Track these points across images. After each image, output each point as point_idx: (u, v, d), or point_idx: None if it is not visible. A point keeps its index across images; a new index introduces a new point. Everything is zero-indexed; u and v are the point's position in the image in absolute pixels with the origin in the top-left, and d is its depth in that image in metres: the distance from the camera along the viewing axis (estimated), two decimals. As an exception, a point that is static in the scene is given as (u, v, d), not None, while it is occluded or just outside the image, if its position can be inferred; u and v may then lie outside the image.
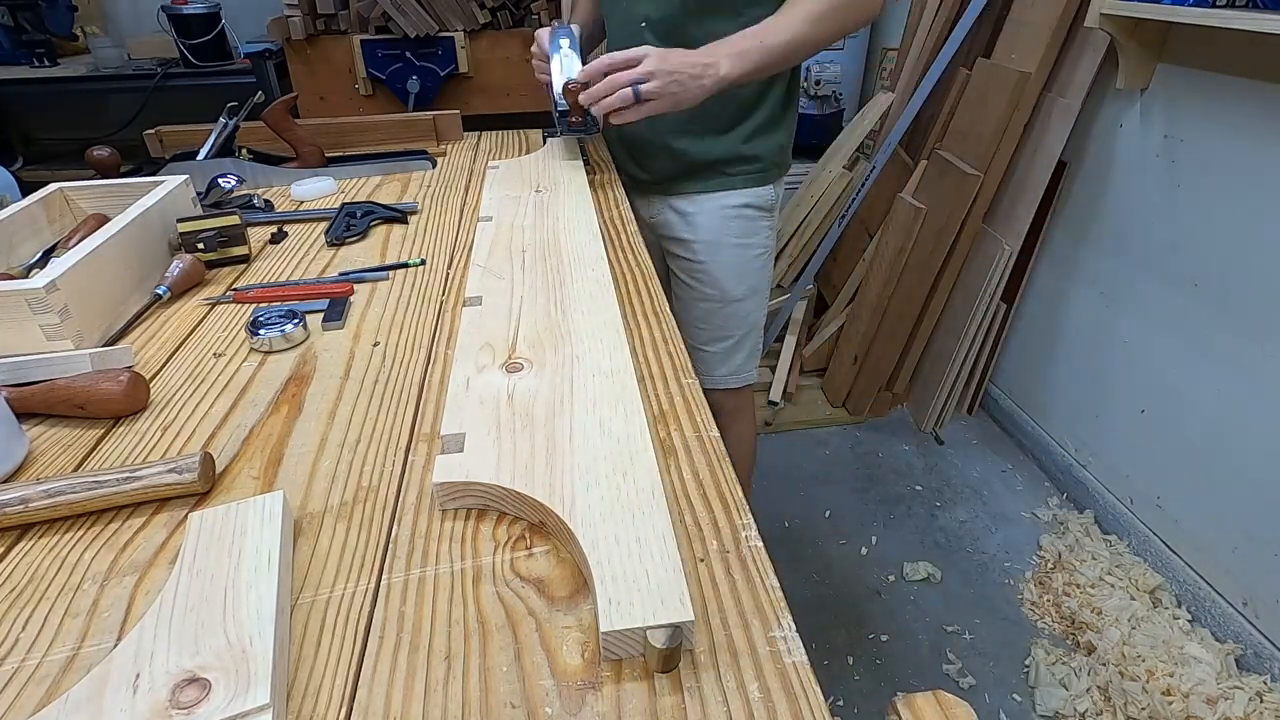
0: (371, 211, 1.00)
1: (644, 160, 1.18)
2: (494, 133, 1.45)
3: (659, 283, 0.81)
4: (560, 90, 1.01)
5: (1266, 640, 1.38)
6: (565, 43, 1.09)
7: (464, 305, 0.72)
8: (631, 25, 1.09)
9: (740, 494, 0.50)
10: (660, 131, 1.12)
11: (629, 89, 0.90)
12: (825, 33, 0.96)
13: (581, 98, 0.93)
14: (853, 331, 2.14)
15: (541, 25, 2.13)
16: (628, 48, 0.99)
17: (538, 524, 0.48)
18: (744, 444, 1.41)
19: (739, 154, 1.13)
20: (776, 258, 2.35)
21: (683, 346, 0.68)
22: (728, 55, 0.92)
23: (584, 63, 1.03)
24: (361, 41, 2.10)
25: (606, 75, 0.91)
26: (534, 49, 1.13)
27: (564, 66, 1.07)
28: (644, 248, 0.91)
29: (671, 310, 1.21)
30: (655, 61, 0.90)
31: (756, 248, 1.19)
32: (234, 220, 0.87)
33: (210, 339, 0.72)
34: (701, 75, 0.91)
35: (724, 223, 1.16)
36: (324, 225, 1.00)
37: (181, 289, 0.81)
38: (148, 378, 0.64)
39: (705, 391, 0.63)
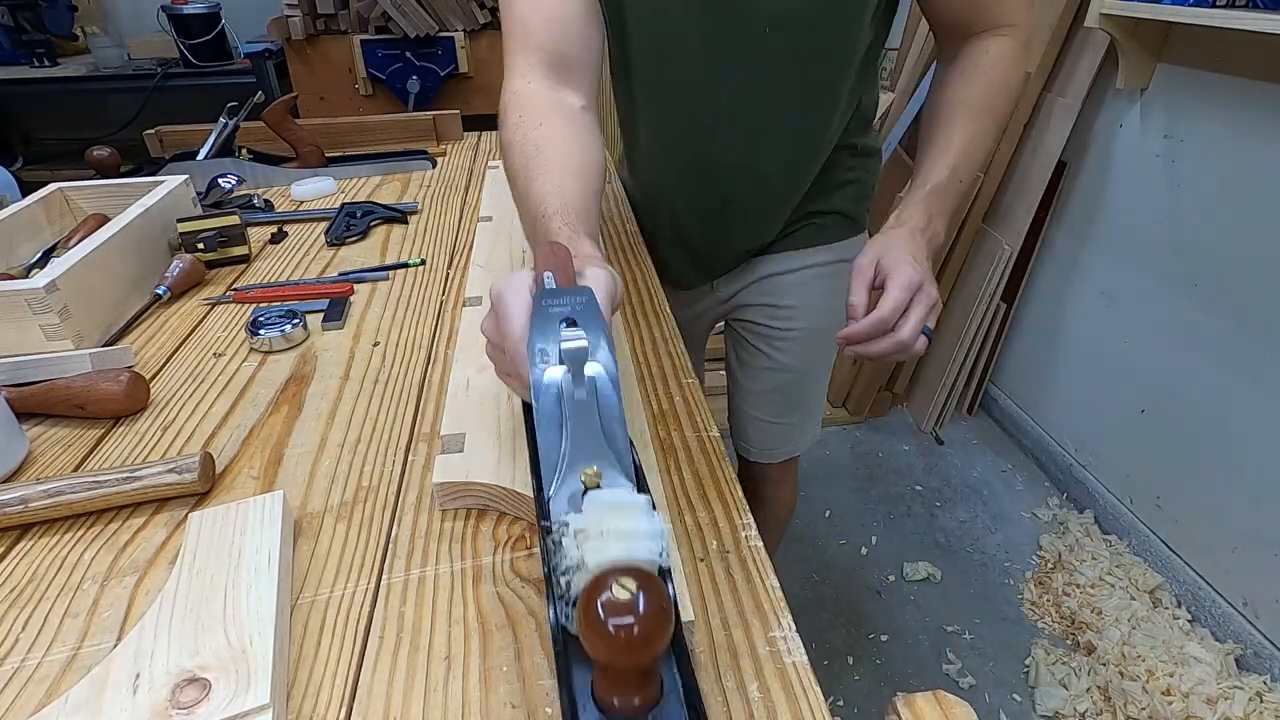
0: (371, 211, 1.00)
1: (718, 259, 0.94)
2: (494, 133, 1.45)
3: (659, 282, 0.81)
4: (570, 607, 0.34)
5: (1266, 640, 1.38)
6: (576, 346, 0.41)
7: (464, 305, 0.72)
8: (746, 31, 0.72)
9: (740, 493, 0.50)
10: (728, 239, 0.90)
11: (925, 340, 0.66)
12: (999, 134, 0.78)
13: (868, 350, 0.65)
14: (853, 331, 2.14)
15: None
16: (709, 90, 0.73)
17: (537, 524, 0.48)
18: (786, 507, 1.24)
19: (834, 203, 0.91)
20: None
21: (683, 347, 0.68)
22: (940, 216, 0.72)
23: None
24: (361, 41, 2.10)
25: (899, 325, 0.65)
26: (490, 334, 0.47)
27: (566, 436, 0.39)
28: (645, 247, 0.90)
29: (731, 382, 1.08)
30: (919, 274, 0.65)
31: (841, 310, 0.96)
32: (234, 220, 0.87)
33: (210, 339, 0.72)
34: (935, 242, 0.71)
35: (818, 284, 0.94)
36: (324, 225, 1.00)
37: (181, 289, 0.81)
38: (148, 378, 0.64)
39: (753, 465, 0.52)
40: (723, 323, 1.06)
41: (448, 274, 0.85)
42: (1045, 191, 1.78)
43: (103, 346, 0.69)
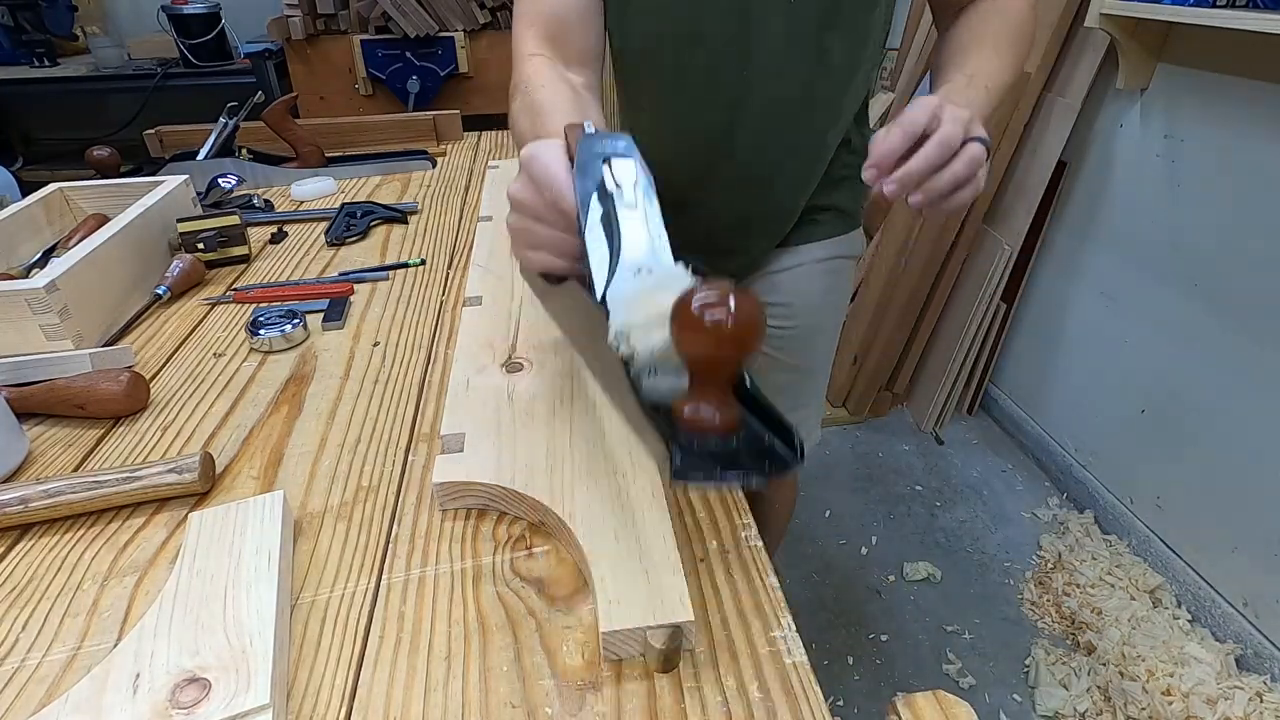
0: (371, 211, 1.00)
1: (728, 251, 0.92)
2: (494, 133, 1.45)
3: None
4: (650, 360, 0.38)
5: (1266, 640, 1.38)
6: (623, 172, 0.44)
7: (464, 305, 0.72)
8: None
9: (740, 493, 0.50)
10: (750, 216, 0.86)
11: (980, 147, 0.53)
12: (1019, 66, 0.70)
13: (915, 200, 0.52)
14: (853, 331, 2.14)
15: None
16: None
17: (538, 524, 0.48)
18: (786, 507, 1.25)
19: (829, 199, 0.90)
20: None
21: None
22: (966, 105, 0.58)
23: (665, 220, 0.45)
24: (361, 41, 2.10)
25: (936, 146, 0.51)
26: (524, 194, 0.46)
27: (624, 234, 0.42)
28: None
29: None
30: (955, 105, 0.54)
31: (844, 305, 1.02)
32: (234, 220, 0.87)
33: (210, 339, 0.72)
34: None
35: (816, 279, 0.95)
36: (324, 225, 1.00)
37: (181, 289, 0.81)
38: (148, 378, 0.64)
39: None
40: None
41: (448, 274, 0.85)
42: (1045, 191, 1.78)
43: (103, 346, 0.69)
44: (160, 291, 0.78)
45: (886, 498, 1.90)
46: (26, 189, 1.01)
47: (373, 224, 0.99)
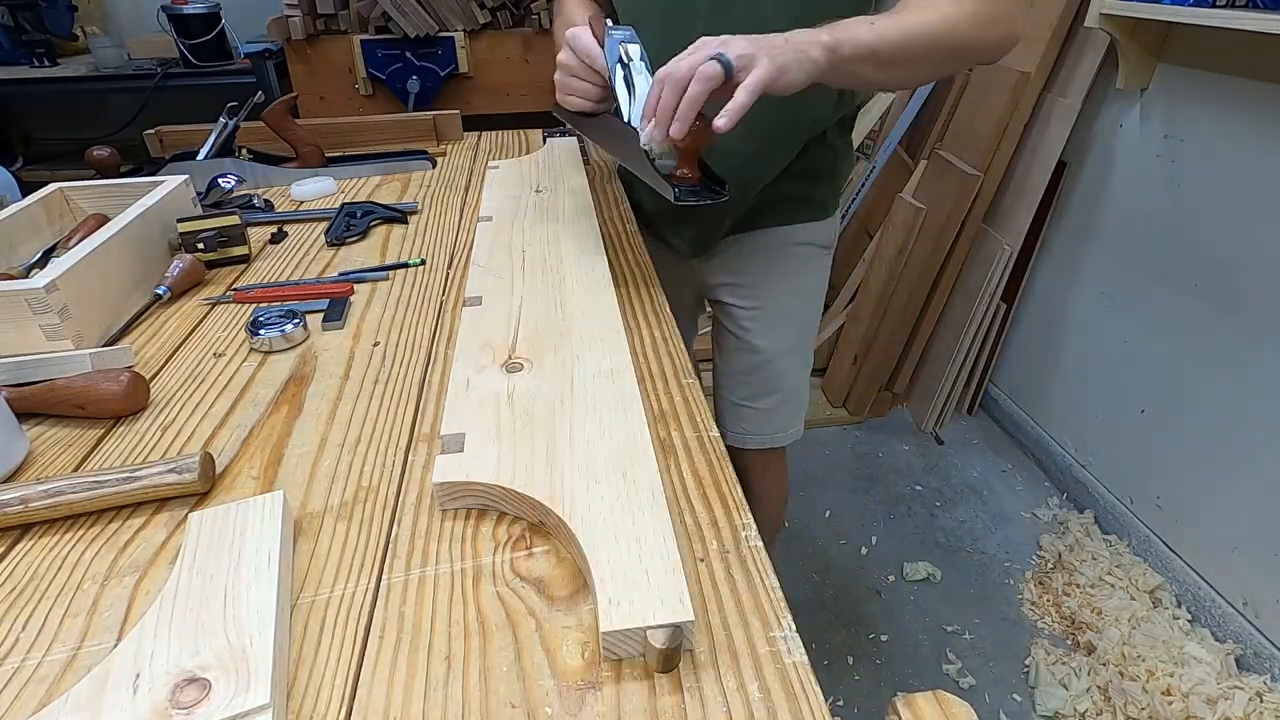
0: (371, 211, 1.00)
1: (698, 227, 0.99)
2: (494, 133, 1.45)
3: (659, 282, 0.81)
4: (643, 126, 0.67)
5: (1266, 640, 1.38)
6: (633, 50, 0.73)
7: (464, 305, 0.72)
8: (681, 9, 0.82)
9: (740, 494, 0.50)
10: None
11: (712, 62, 0.61)
12: (961, 42, 0.71)
13: (651, 127, 0.65)
14: (853, 331, 2.14)
15: (543, 26, 2.13)
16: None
17: (538, 524, 0.48)
18: (775, 503, 1.27)
19: (798, 189, 0.96)
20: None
21: (683, 347, 0.68)
22: (829, 30, 0.66)
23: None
24: (361, 41, 2.10)
25: (670, 77, 0.63)
26: (568, 59, 0.74)
27: (637, 87, 0.71)
28: (644, 247, 0.90)
29: (713, 366, 1.11)
30: (723, 38, 0.64)
31: (808, 293, 1.06)
32: (234, 220, 0.87)
33: (210, 339, 0.72)
34: (803, 45, 0.64)
35: (780, 263, 1.00)
36: (324, 225, 1.00)
37: (181, 289, 0.81)
38: (148, 378, 0.64)
39: (735, 451, 0.51)
40: (708, 315, 1.11)
41: (448, 274, 0.85)
42: (1045, 191, 1.78)
43: (103, 346, 0.69)
44: (160, 291, 0.78)
45: (886, 498, 1.90)
46: (26, 189, 1.01)
47: (373, 224, 0.99)
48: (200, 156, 1.14)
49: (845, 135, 0.98)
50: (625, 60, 0.72)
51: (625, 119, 0.72)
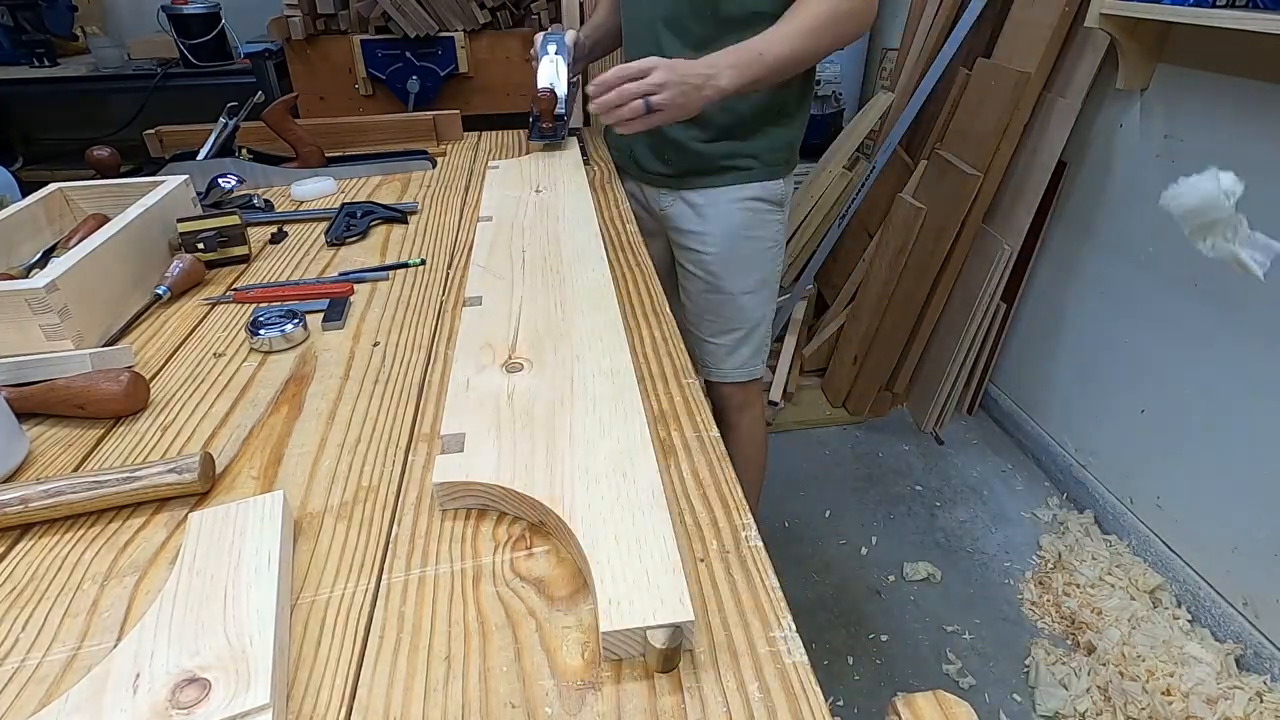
0: (371, 211, 1.00)
1: (659, 153, 1.19)
2: (494, 133, 1.45)
3: (659, 283, 0.81)
4: (536, 95, 1.11)
5: (1266, 640, 1.38)
6: (552, 48, 1.15)
7: (464, 305, 0.72)
8: (646, 24, 1.11)
9: (740, 494, 0.50)
10: (676, 128, 1.13)
11: (640, 101, 0.91)
12: (821, 45, 0.99)
13: (593, 107, 0.94)
14: (853, 331, 2.14)
15: (542, 26, 2.13)
16: (643, 50, 1.03)
17: (538, 524, 0.48)
18: (754, 442, 1.40)
19: (752, 149, 1.15)
20: (776, 258, 2.34)
21: (683, 346, 0.68)
22: (728, 67, 0.94)
23: (571, 70, 1.16)
24: (361, 41, 2.10)
25: (618, 87, 0.92)
26: (531, 50, 1.21)
27: (544, 72, 1.14)
28: (644, 247, 0.91)
29: (680, 302, 1.28)
30: (665, 73, 0.91)
31: (766, 241, 1.22)
32: (234, 220, 0.87)
33: (210, 339, 0.72)
34: (703, 86, 0.93)
35: (735, 215, 1.18)
36: (324, 225, 1.00)
37: (181, 289, 0.81)
38: (148, 378, 0.64)
39: (711, 385, 0.63)
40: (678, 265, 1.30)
41: (448, 274, 0.85)
42: (1045, 191, 1.78)
43: (103, 346, 0.69)
44: (160, 291, 0.78)
45: (886, 498, 1.90)
46: (26, 189, 1.01)
47: (373, 224, 0.99)
48: (200, 156, 1.14)
49: (800, 103, 1.17)
50: (546, 54, 1.17)
51: (538, 82, 1.16)
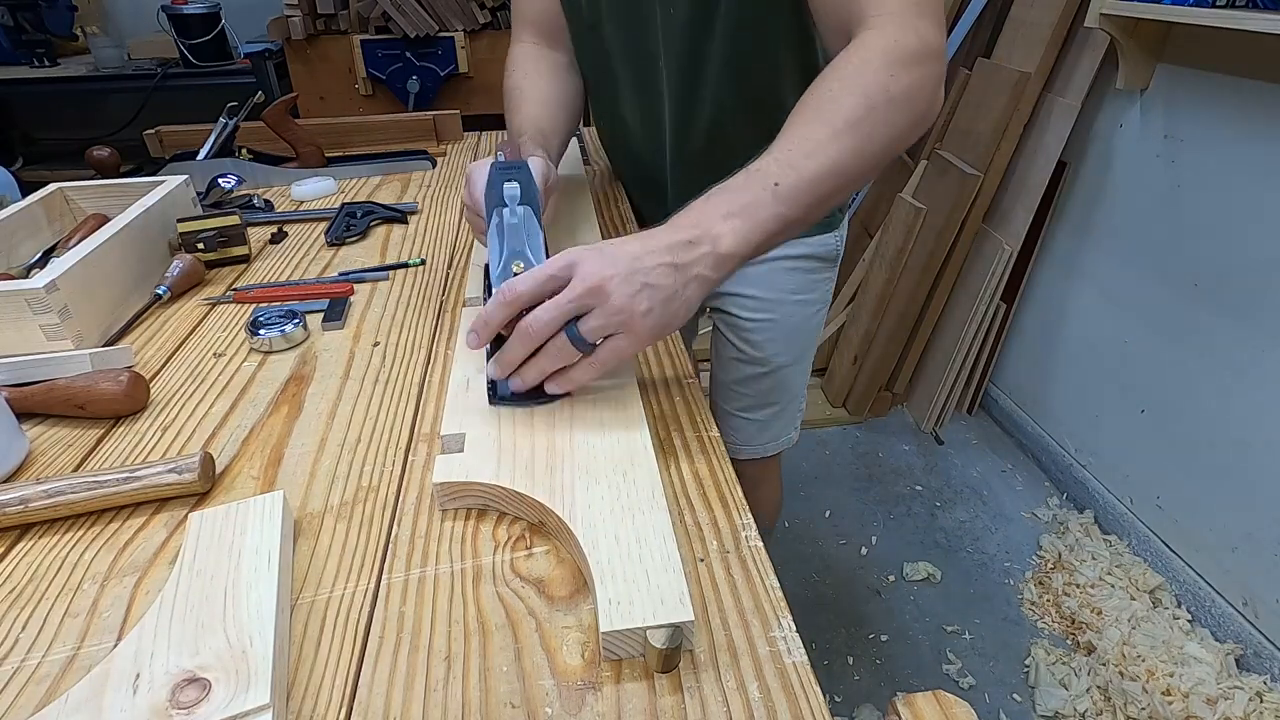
0: (371, 211, 1.00)
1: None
2: (494, 133, 1.45)
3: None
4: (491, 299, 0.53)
5: (1266, 640, 1.38)
6: (511, 190, 0.62)
7: (464, 305, 0.72)
8: (645, 63, 0.83)
9: (740, 494, 0.50)
10: (713, 178, 0.88)
11: (562, 338, 0.51)
12: (871, 149, 0.58)
13: (493, 372, 0.54)
14: (853, 331, 2.14)
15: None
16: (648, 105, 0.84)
17: (538, 524, 0.48)
18: (767, 512, 1.25)
19: None
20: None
21: (683, 347, 0.68)
22: (725, 218, 0.53)
23: (541, 223, 0.64)
24: (361, 41, 2.10)
25: (519, 319, 0.51)
26: (465, 196, 0.72)
27: (504, 247, 0.61)
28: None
29: (710, 377, 1.08)
30: (596, 267, 0.50)
31: (815, 304, 1.01)
32: (234, 220, 0.87)
33: (210, 339, 0.72)
34: (688, 265, 0.52)
35: (781, 278, 0.95)
36: (324, 225, 1.00)
37: (181, 289, 0.81)
38: (148, 378, 0.64)
39: (732, 463, 0.46)
40: (708, 316, 1.08)
41: (448, 274, 0.85)
42: (1045, 191, 1.78)
43: (103, 346, 0.69)
44: (160, 291, 0.78)
45: (886, 498, 1.90)
46: (26, 189, 1.01)
47: (373, 224, 0.99)
48: (200, 156, 1.14)
49: None
50: (503, 203, 0.63)
51: (488, 280, 0.62)
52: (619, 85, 0.89)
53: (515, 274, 0.54)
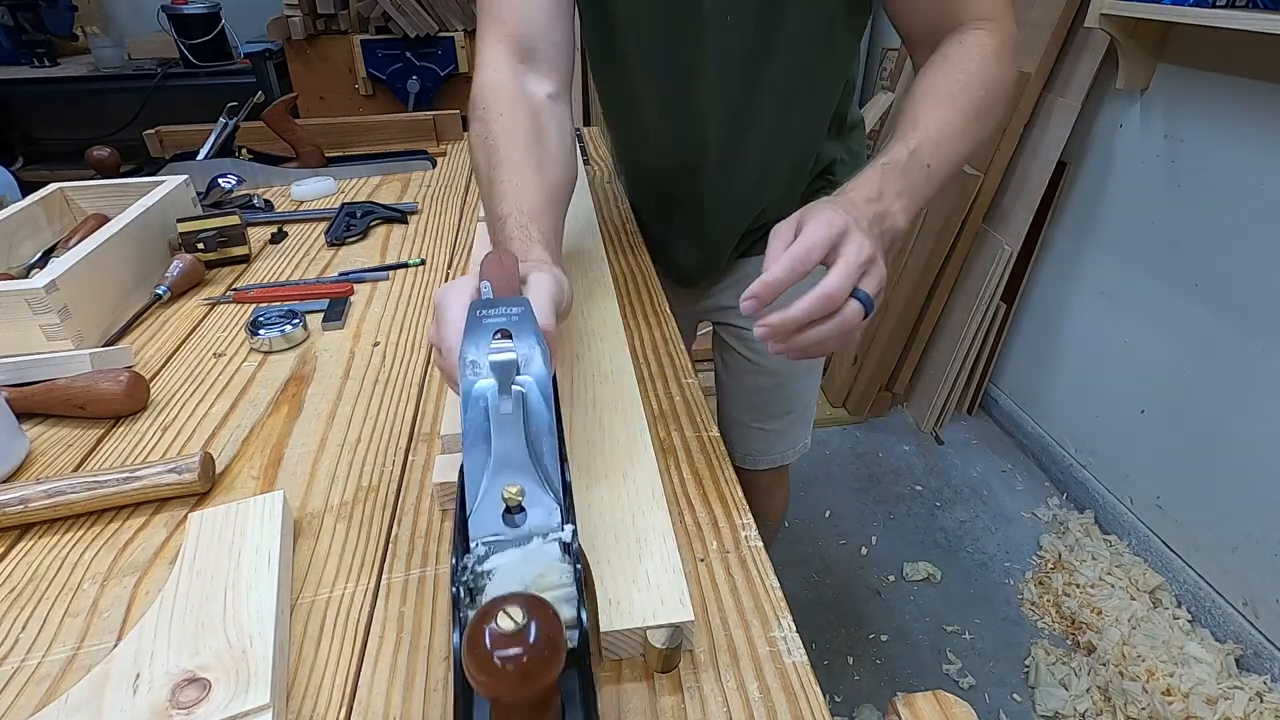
0: (371, 211, 1.00)
1: (713, 263, 0.92)
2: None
3: (659, 283, 0.81)
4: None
5: (1266, 640, 1.38)
6: (504, 362, 0.40)
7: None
8: (686, 122, 0.75)
9: (740, 494, 0.50)
10: (717, 230, 0.86)
11: (854, 302, 0.49)
12: (977, 140, 0.62)
13: (766, 335, 0.49)
14: (853, 331, 2.14)
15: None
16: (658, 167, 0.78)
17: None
18: (773, 519, 1.24)
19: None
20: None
21: (683, 347, 0.68)
22: (898, 196, 0.56)
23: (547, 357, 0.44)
24: (361, 41, 2.11)
25: (831, 308, 0.49)
26: (432, 335, 0.45)
27: (491, 456, 0.39)
28: (644, 247, 0.90)
29: (718, 386, 1.08)
30: (857, 230, 0.50)
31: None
32: (234, 220, 0.87)
33: (210, 339, 0.72)
34: (882, 234, 0.54)
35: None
36: (324, 225, 1.00)
37: (181, 289, 0.81)
38: (148, 378, 0.64)
39: (741, 471, 0.44)
40: (710, 327, 1.06)
41: (448, 274, 0.85)
42: (1045, 191, 1.78)
43: (103, 346, 0.69)
44: (160, 291, 0.78)
45: (886, 498, 1.90)
46: (26, 189, 1.01)
47: (373, 224, 0.99)
48: (200, 156, 1.14)
49: (848, 143, 0.91)
50: (489, 385, 0.40)
51: (462, 512, 0.38)
52: (639, 99, 0.78)
53: (509, 497, 0.35)
